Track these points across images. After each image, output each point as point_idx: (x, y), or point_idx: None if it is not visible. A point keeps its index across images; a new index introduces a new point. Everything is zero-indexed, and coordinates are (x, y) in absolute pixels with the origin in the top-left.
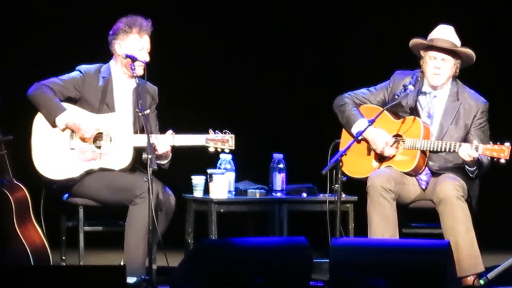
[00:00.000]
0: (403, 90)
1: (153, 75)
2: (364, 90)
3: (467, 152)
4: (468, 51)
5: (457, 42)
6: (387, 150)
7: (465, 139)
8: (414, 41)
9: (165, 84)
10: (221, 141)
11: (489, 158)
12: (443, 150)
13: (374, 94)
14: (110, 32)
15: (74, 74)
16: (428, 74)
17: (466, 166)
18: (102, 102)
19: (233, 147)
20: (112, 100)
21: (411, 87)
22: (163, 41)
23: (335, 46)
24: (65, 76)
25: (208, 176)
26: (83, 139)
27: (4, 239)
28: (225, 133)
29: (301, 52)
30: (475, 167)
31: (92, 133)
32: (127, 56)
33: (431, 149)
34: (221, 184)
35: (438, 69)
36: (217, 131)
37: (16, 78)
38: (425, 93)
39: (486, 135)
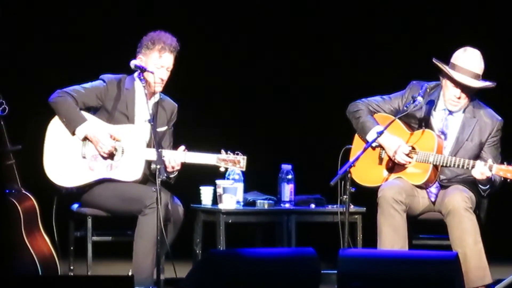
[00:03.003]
0: (411, 102)
1: (167, 90)
2: (378, 98)
3: (481, 170)
4: (490, 85)
5: (481, 69)
6: (399, 155)
7: (478, 156)
8: (437, 64)
9: (178, 99)
10: (232, 161)
11: (502, 179)
12: (456, 166)
13: (388, 103)
14: (138, 44)
15: (97, 83)
16: (446, 98)
17: (479, 185)
18: (122, 114)
19: (244, 169)
20: (133, 112)
21: (419, 99)
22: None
23: (343, 57)
24: (88, 85)
25: (216, 186)
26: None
27: (12, 249)
28: (237, 154)
29: (309, 63)
30: (487, 186)
31: (110, 150)
32: (136, 67)
33: (444, 165)
34: (230, 195)
35: (458, 98)
36: (229, 152)
37: (25, 88)
38: (440, 109)
39: (498, 152)
